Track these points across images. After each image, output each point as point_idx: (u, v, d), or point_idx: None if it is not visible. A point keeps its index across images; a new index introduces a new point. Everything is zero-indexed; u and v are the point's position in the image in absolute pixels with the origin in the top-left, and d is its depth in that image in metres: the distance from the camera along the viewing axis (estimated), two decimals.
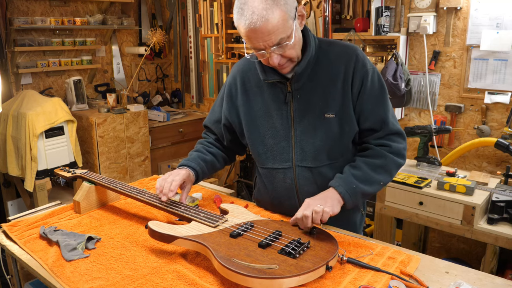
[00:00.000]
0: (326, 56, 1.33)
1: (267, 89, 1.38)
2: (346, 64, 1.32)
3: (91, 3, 3.91)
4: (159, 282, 1.08)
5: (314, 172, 1.36)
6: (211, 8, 4.02)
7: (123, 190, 1.47)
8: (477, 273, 1.14)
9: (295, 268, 1.02)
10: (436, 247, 2.92)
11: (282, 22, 1.16)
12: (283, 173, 1.39)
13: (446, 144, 2.84)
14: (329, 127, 1.32)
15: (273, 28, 1.15)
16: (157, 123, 3.98)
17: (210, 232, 1.19)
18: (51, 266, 1.17)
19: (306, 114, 1.33)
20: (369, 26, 2.91)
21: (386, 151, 1.34)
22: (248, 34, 1.17)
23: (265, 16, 1.13)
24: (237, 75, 1.46)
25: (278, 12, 1.14)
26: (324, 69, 1.33)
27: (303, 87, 1.33)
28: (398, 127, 1.38)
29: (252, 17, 1.13)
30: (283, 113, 1.36)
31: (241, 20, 1.16)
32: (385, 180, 1.34)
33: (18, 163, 3.04)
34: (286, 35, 1.18)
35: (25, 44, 3.37)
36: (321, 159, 1.35)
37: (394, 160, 1.34)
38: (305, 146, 1.34)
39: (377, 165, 1.32)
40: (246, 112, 1.42)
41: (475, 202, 2.00)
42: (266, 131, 1.39)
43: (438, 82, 2.80)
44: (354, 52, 1.33)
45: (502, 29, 2.48)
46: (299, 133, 1.34)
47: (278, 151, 1.38)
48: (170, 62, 4.69)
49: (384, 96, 1.35)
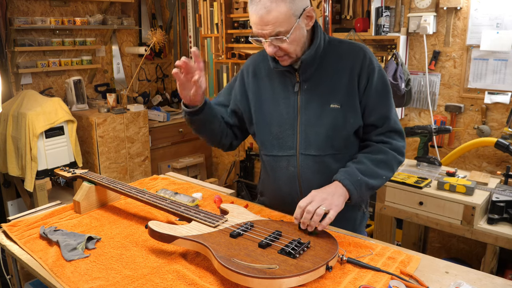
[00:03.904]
0: (335, 52, 1.40)
1: (277, 78, 1.44)
2: (354, 60, 1.37)
3: (91, 3, 3.91)
4: (159, 282, 1.08)
5: (317, 161, 1.39)
6: (211, 8, 4.02)
7: (123, 190, 1.47)
8: (477, 273, 1.14)
9: (295, 268, 1.02)
10: (436, 247, 2.92)
11: (284, 17, 1.23)
12: (286, 161, 1.42)
13: (446, 144, 2.84)
14: (334, 117, 1.36)
15: (273, 20, 1.23)
16: (157, 123, 3.98)
17: (210, 232, 1.19)
18: (51, 266, 1.17)
19: (312, 103, 1.38)
20: (369, 26, 2.91)
21: (387, 148, 1.38)
22: (252, 19, 1.27)
23: (268, 7, 1.22)
24: (250, 64, 1.53)
25: (282, 7, 1.22)
26: (332, 63, 1.39)
27: (311, 78, 1.39)
28: (399, 126, 1.42)
29: (258, 5, 1.24)
30: (290, 102, 1.41)
31: (251, 6, 1.27)
32: (387, 175, 1.37)
33: (18, 163, 3.04)
34: (285, 29, 1.25)
35: (25, 44, 3.37)
36: (325, 148, 1.38)
37: (395, 156, 1.38)
38: (310, 134, 1.38)
39: (379, 160, 1.35)
40: (256, 99, 1.48)
41: (475, 202, 2.00)
42: (272, 118, 1.44)
43: (438, 82, 2.80)
44: (362, 50, 1.39)
45: (502, 29, 2.48)
46: (304, 121, 1.39)
47: (283, 138, 1.42)
48: (170, 62, 4.69)
49: (388, 94, 1.41)
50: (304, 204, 1.20)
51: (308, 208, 1.18)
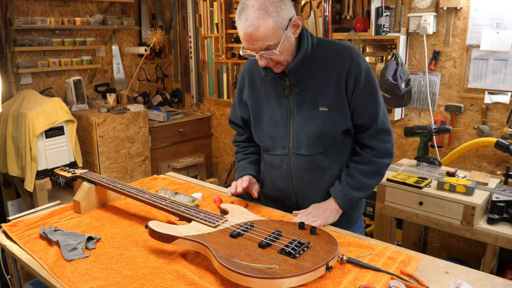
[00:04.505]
0: (323, 54, 1.44)
1: (269, 83, 1.51)
2: (342, 63, 1.42)
3: (91, 3, 3.91)
4: (159, 282, 1.09)
5: (308, 160, 1.48)
6: (211, 8, 4.02)
7: (123, 190, 1.47)
8: (477, 273, 1.14)
9: (295, 268, 1.02)
10: (436, 247, 2.92)
11: (271, 31, 1.28)
12: (280, 159, 1.52)
13: (446, 144, 2.84)
14: (322, 119, 1.43)
15: (262, 36, 1.28)
16: (157, 123, 3.98)
17: (210, 232, 1.19)
18: (51, 266, 1.18)
19: (302, 106, 1.45)
20: (369, 26, 2.91)
21: (372, 156, 1.48)
22: (241, 36, 1.32)
23: (255, 24, 1.27)
24: (245, 72, 1.61)
25: (269, 22, 1.27)
26: (321, 66, 1.43)
27: (301, 82, 1.44)
28: (387, 126, 1.49)
29: (245, 23, 1.28)
30: (283, 105, 1.48)
31: (238, 23, 1.32)
32: (376, 182, 1.52)
33: (18, 163, 3.04)
34: (274, 42, 1.31)
35: (25, 44, 3.37)
36: (315, 148, 1.46)
37: (381, 162, 1.49)
38: (300, 135, 1.46)
39: (368, 172, 1.48)
40: (252, 104, 1.57)
41: (475, 202, 2.00)
42: (268, 120, 1.52)
43: (438, 82, 2.80)
44: (350, 51, 1.44)
45: (502, 29, 2.48)
46: (296, 123, 1.46)
47: (278, 139, 1.51)
48: (170, 62, 4.69)
49: (376, 94, 1.45)
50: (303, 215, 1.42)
51: (303, 218, 1.41)
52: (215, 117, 4.41)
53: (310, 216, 1.41)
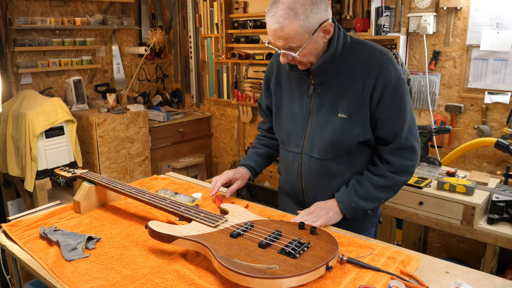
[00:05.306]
0: (354, 56, 1.37)
1: (295, 78, 1.48)
2: (370, 68, 1.33)
3: (91, 3, 3.91)
4: (159, 282, 1.08)
5: (319, 164, 1.44)
6: (211, 8, 4.02)
7: (123, 190, 1.47)
8: (477, 273, 1.14)
9: (295, 268, 1.02)
10: (436, 247, 2.92)
11: (295, 34, 1.25)
12: (293, 157, 1.50)
13: (446, 144, 2.84)
14: (339, 127, 1.38)
15: (285, 35, 1.26)
16: (157, 123, 3.98)
17: (210, 232, 1.19)
18: (51, 266, 1.17)
19: (322, 108, 1.41)
20: (369, 26, 2.91)
21: (389, 171, 1.40)
22: (268, 29, 1.30)
23: (281, 23, 1.24)
24: (274, 61, 1.59)
25: (295, 24, 1.23)
26: (348, 69, 1.36)
27: (325, 82, 1.40)
28: (411, 143, 1.39)
29: (272, 18, 1.26)
30: (304, 103, 1.45)
31: (267, 15, 1.29)
32: (386, 197, 1.46)
33: (18, 163, 3.04)
34: (296, 45, 1.27)
35: (25, 44, 3.37)
36: (327, 153, 1.42)
37: (396, 179, 1.42)
38: (315, 138, 1.43)
39: (380, 185, 1.41)
40: (276, 95, 1.56)
41: (475, 202, 2.00)
42: (287, 115, 1.50)
43: (438, 82, 2.80)
44: (381, 56, 1.35)
45: (502, 29, 2.48)
46: (313, 125, 1.43)
47: (293, 136, 1.49)
48: (170, 62, 4.69)
49: (403, 107, 1.36)
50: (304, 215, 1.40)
51: (305, 218, 1.38)
52: (215, 117, 4.41)
53: (311, 216, 1.38)
